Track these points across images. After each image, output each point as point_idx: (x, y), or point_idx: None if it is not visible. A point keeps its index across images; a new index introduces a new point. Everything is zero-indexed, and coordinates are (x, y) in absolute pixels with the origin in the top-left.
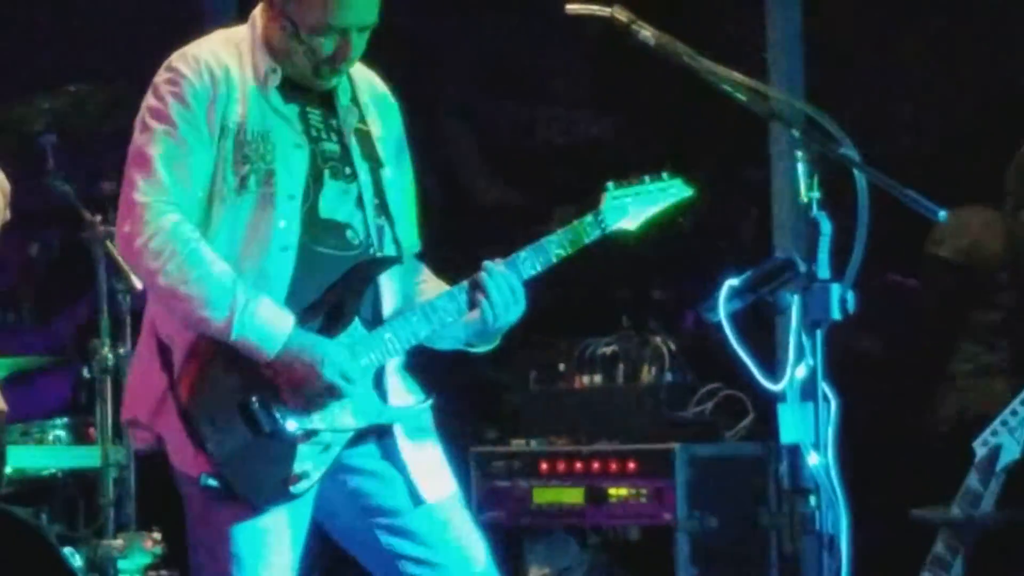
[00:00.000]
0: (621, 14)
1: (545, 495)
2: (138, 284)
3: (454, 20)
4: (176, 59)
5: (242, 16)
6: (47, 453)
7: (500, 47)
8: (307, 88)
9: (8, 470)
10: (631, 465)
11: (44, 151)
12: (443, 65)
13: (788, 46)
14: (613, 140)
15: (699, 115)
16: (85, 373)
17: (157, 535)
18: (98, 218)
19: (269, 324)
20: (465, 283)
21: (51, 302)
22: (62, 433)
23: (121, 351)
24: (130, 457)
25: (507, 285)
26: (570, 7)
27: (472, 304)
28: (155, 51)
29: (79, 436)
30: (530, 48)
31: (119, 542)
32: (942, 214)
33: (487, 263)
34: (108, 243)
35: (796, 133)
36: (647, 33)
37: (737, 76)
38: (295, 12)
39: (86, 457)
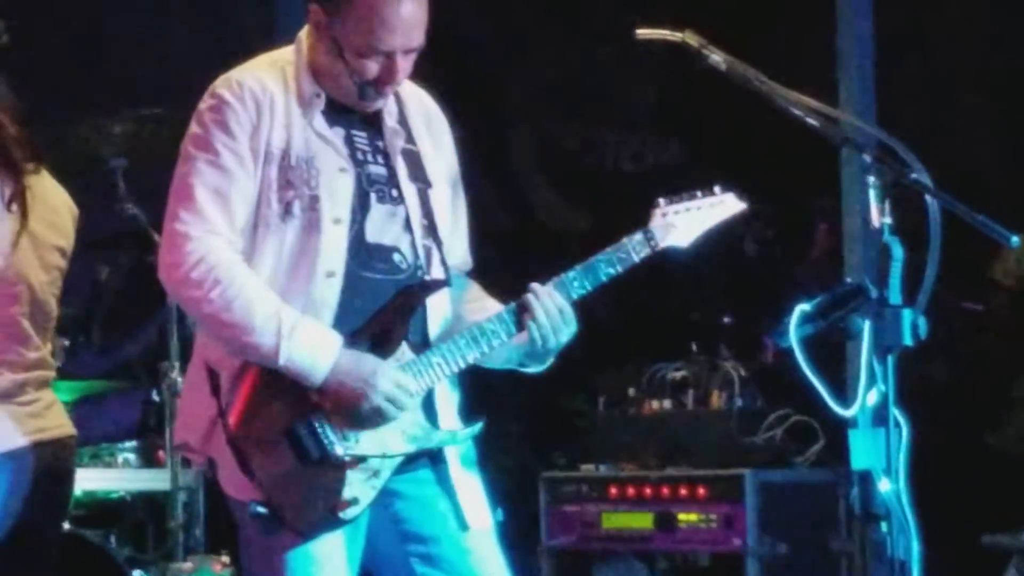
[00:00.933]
0: (692, 39)
1: (614, 520)
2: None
3: (522, 43)
4: (219, 85)
5: None
6: (117, 476)
7: (568, 71)
8: (353, 110)
9: (78, 493)
10: (701, 491)
11: (114, 175)
12: (511, 88)
13: (859, 70)
14: (681, 165)
15: (769, 140)
16: (154, 396)
17: (226, 558)
18: None
19: (316, 348)
20: (513, 305)
21: (120, 325)
22: (131, 456)
23: None
24: (199, 480)
25: (555, 306)
26: (641, 32)
27: (520, 326)
28: (220, 73)
29: (148, 459)
30: (598, 72)
31: (188, 565)
32: (1015, 240)
33: (534, 285)
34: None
35: (867, 158)
36: (718, 58)
37: (808, 101)
38: (340, 34)
39: (155, 480)
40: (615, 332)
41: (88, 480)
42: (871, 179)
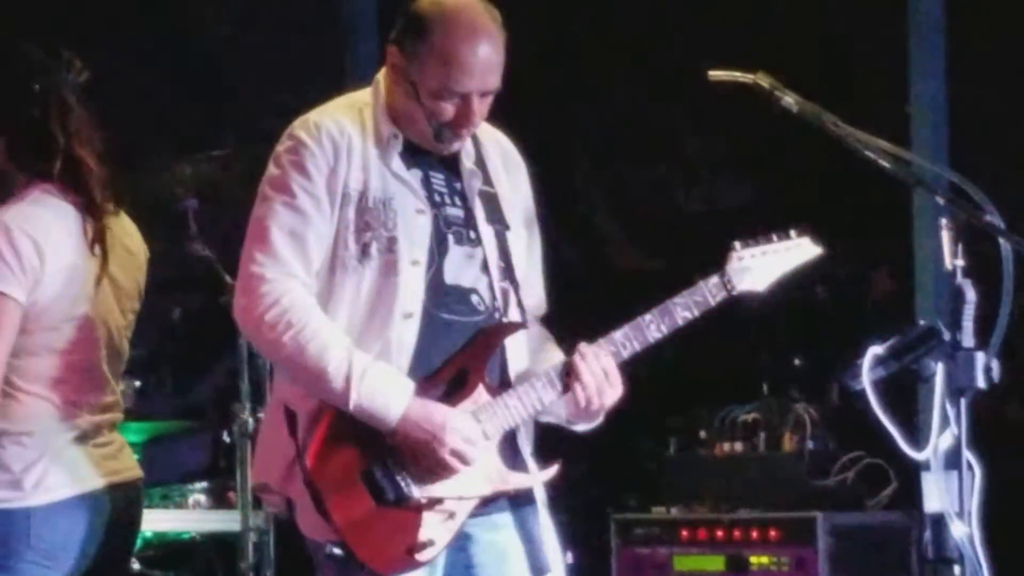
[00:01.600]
0: (764, 80)
1: (686, 563)
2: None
3: (593, 85)
4: (297, 127)
5: None
6: (187, 517)
7: (639, 113)
8: (429, 152)
9: (148, 534)
10: (772, 533)
11: (186, 216)
12: (581, 129)
13: (932, 112)
14: (750, 206)
15: (840, 182)
16: (225, 437)
17: None
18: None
19: (388, 393)
20: (560, 365)
21: (191, 367)
22: (202, 497)
23: (261, 415)
24: (269, 522)
25: (600, 369)
26: (713, 73)
27: (566, 388)
28: (297, 115)
29: (219, 500)
30: (669, 114)
31: None
32: None
33: (581, 346)
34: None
35: (940, 200)
36: (790, 99)
37: (880, 142)
38: (416, 76)
39: (225, 521)
40: (685, 374)
41: (158, 521)
42: (943, 221)
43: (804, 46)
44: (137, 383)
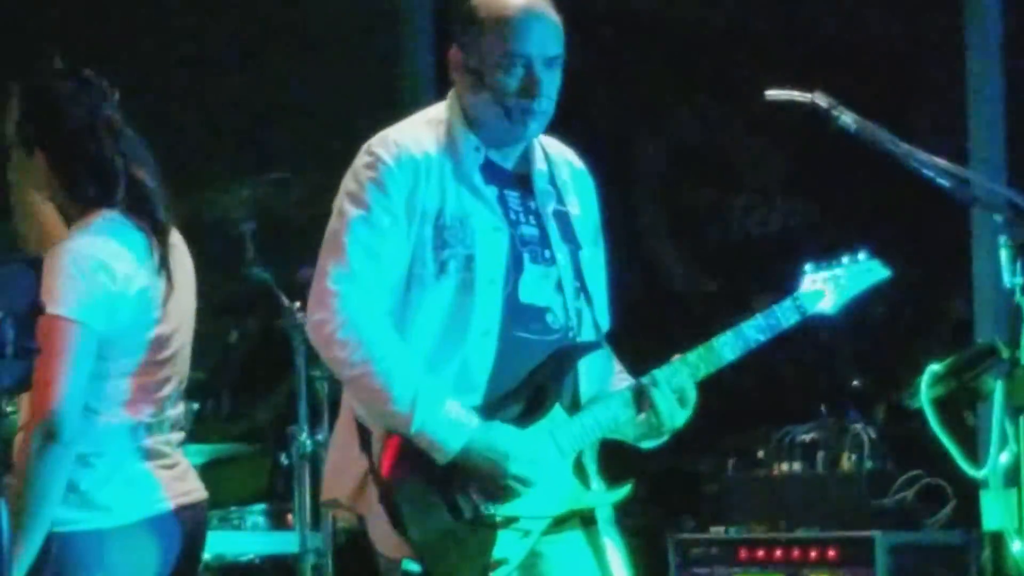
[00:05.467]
0: (822, 100)
1: None
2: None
3: (650, 108)
4: (375, 143)
5: (439, 98)
6: (245, 539)
7: (696, 134)
8: (505, 170)
9: (207, 556)
10: (831, 553)
11: (243, 238)
12: (639, 153)
13: (990, 130)
14: (809, 228)
15: (898, 201)
16: (283, 460)
17: None
18: (296, 305)
19: (449, 426)
20: (634, 385)
21: (249, 389)
22: (260, 519)
23: (319, 437)
24: (328, 543)
25: (672, 393)
26: (770, 93)
27: (640, 409)
28: (354, 138)
29: (277, 522)
30: (726, 135)
31: None
32: None
33: (654, 372)
34: (307, 330)
35: (999, 218)
36: (847, 119)
37: (938, 161)
38: (475, 56)
39: (284, 543)
40: (743, 394)
41: (217, 543)
42: (1002, 239)
43: (861, 65)
44: (195, 406)
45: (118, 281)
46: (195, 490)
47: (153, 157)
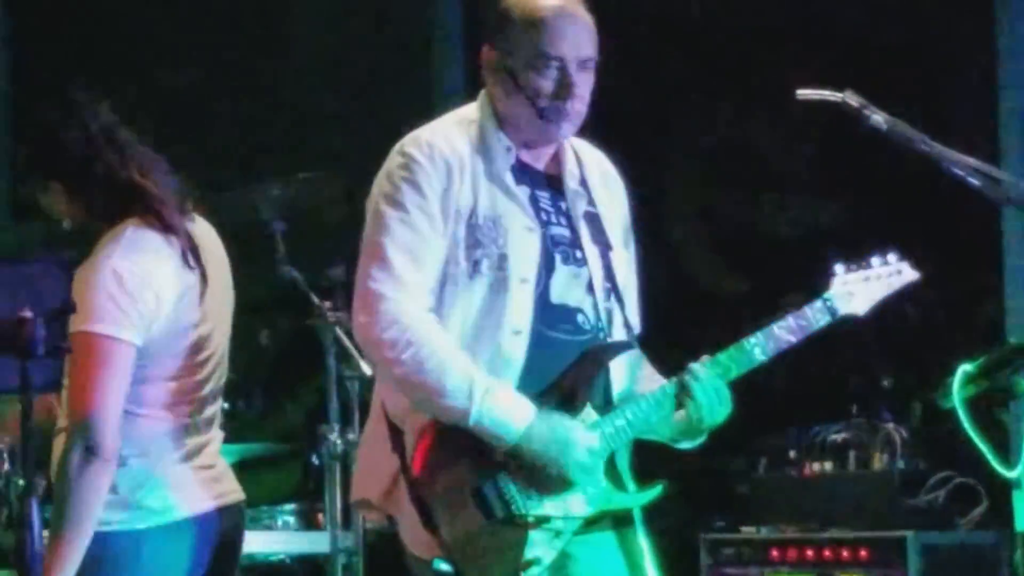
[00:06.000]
0: (852, 99)
1: None
2: (368, 370)
3: (680, 107)
4: (409, 144)
5: (471, 98)
6: (276, 539)
7: (725, 134)
8: (537, 171)
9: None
10: (863, 553)
11: (274, 238)
12: (670, 149)
13: (1021, 128)
14: (839, 228)
15: (929, 201)
16: (314, 459)
17: None
18: (327, 304)
19: (509, 411)
20: (674, 382)
21: (280, 389)
22: (291, 519)
23: (350, 437)
24: (359, 543)
25: (713, 388)
26: (801, 92)
27: (679, 405)
28: (384, 139)
29: (308, 522)
30: (756, 135)
31: None
32: None
33: (693, 365)
34: (337, 329)
35: None
36: (879, 118)
37: (970, 160)
38: (509, 57)
39: (315, 543)
40: (774, 395)
41: (248, 543)
42: None
43: (892, 64)
44: (226, 405)
45: (158, 294)
46: (232, 491)
47: (160, 156)
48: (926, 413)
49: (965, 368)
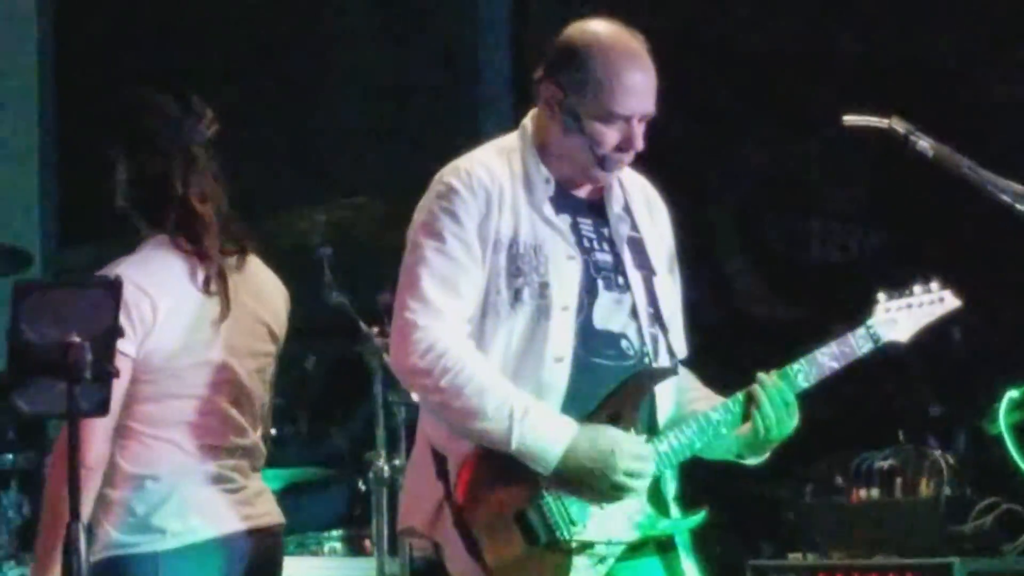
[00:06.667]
0: (899, 125)
1: None
2: (416, 397)
3: (729, 136)
4: (448, 173)
5: (517, 126)
6: (323, 565)
7: (774, 162)
8: (577, 197)
9: None
10: None
11: (321, 263)
12: (718, 175)
13: None
14: (887, 254)
15: (976, 226)
16: (360, 485)
17: None
18: (375, 330)
19: (549, 432)
20: (739, 395)
21: (327, 415)
22: (338, 545)
23: (396, 463)
24: (405, 570)
25: (780, 399)
26: (847, 119)
27: (745, 417)
28: (428, 164)
29: (355, 548)
30: (804, 163)
31: None
32: None
33: (761, 376)
34: (384, 355)
35: None
36: (925, 143)
37: (1017, 187)
38: (578, 105)
39: (361, 569)
40: (820, 421)
41: (294, 569)
42: None
43: (938, 90)
44: (273, 431)
45: (157, 307)
46: (267, 514)
47: (227, 193)
48: (973, 439)
49: (1012, 394)
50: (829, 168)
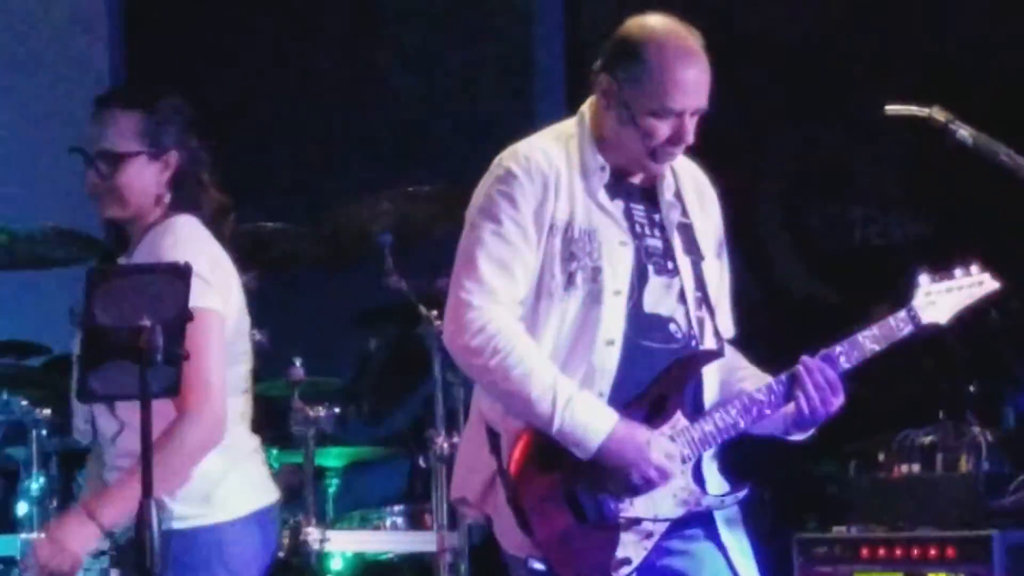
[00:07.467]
0: (940, 114)
1: None
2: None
3: (774, 125)
4: (507, 157)
5: (571, 113)
6: (385, 538)
7: (818, 146)
8: (631, 183)
9: (348, 554)
10: (950, 551)
11: (382, 250)
12: (762, 162)
13: None
14: (927, 239)
15: (1014, 212)
16: (421, 462)
17: None
18: (433, 313)
19: (590, 421)
20: (784, 376)
21: (388, 395)
22: (399, 519)
23: (455, 441)
24: (464, 542)
25: (824, 379)
26: (890, 108)
27: (790, 397)
28: (486, 152)
29: (415, 522)
30: (848, 147)
31: None
32: None
33: (805, 358)
34: (444, 341)
35: None
36: (965, 132)
37: None
38: (633, 99)
39: (422, 543)
40: (863, 399)
41: (358, 542)
42: None
43: (977, 80)
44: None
45: (227, 269)
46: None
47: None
48: (1012, 417)
49: None
50: (871, 156)
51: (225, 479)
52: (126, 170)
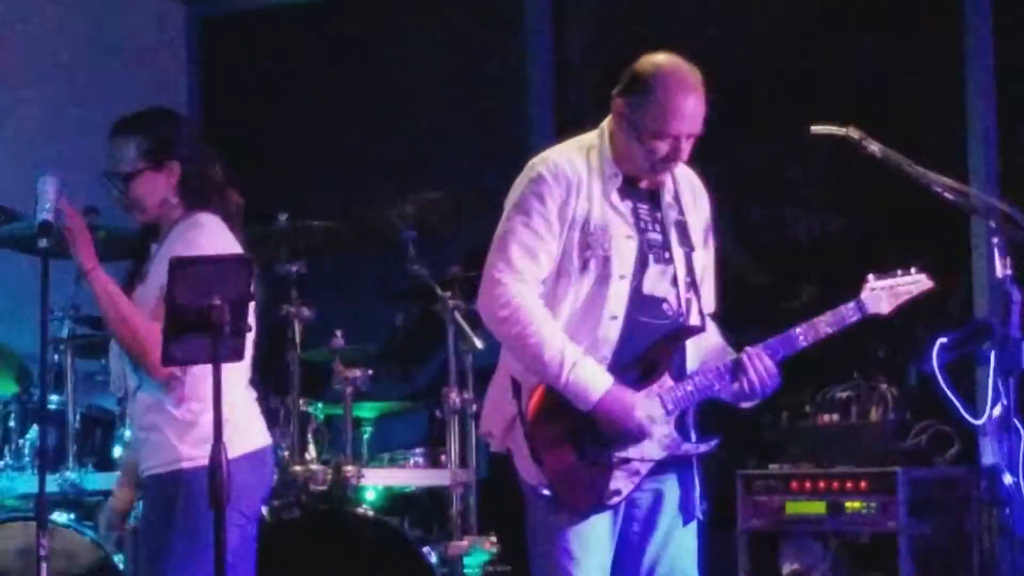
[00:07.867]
0: (854, 133)
1: (795, 508)
2: (479, 345)
3: (723, 135)
4: (539, 163)
5: (559, 138)
6: (409, 475)
7: (758, 156)
8: (639, 187)
9: (379, 487)
10: (863, 484)
11: (406, 243)
12: (712, 168)
13: (986, 152)
14: (846, 234)
15: (913, 210)
16: (438, 414)
17: (494, 538)
18: (448, 294)
19: (589, 382)
20: (730, 362)
21: (412, 359)
22: (420, 459)
23: (465, 396)
24: (472, 478)
25: (763, 367)
26: (815, 128)
27: (735, 380)
28: (489, 171)
29: (433, 462)
30: (782, 158)
31: (464, 543)
32: None
33: (748, 349)
34: (456, 314)
35: (992, 224)
36: (875, 147)
37: (945, 180)
38: (640, 121)
39: (439, 478)
40: (794, 362)
41: (387, 478)
42: (995, 240)
43: (883, 102)
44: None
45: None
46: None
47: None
48: (913, 376)
49: (942, 340)
50: (801, 165)
51: (227, 424)
52: (136, 186)
